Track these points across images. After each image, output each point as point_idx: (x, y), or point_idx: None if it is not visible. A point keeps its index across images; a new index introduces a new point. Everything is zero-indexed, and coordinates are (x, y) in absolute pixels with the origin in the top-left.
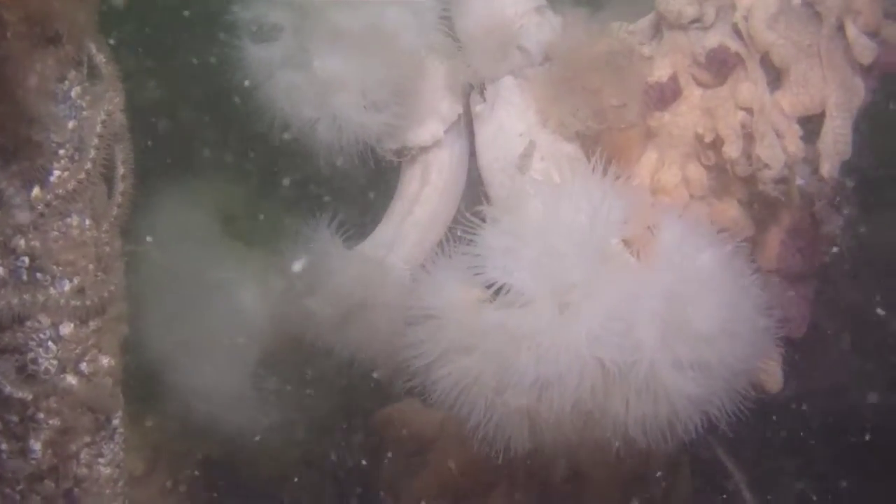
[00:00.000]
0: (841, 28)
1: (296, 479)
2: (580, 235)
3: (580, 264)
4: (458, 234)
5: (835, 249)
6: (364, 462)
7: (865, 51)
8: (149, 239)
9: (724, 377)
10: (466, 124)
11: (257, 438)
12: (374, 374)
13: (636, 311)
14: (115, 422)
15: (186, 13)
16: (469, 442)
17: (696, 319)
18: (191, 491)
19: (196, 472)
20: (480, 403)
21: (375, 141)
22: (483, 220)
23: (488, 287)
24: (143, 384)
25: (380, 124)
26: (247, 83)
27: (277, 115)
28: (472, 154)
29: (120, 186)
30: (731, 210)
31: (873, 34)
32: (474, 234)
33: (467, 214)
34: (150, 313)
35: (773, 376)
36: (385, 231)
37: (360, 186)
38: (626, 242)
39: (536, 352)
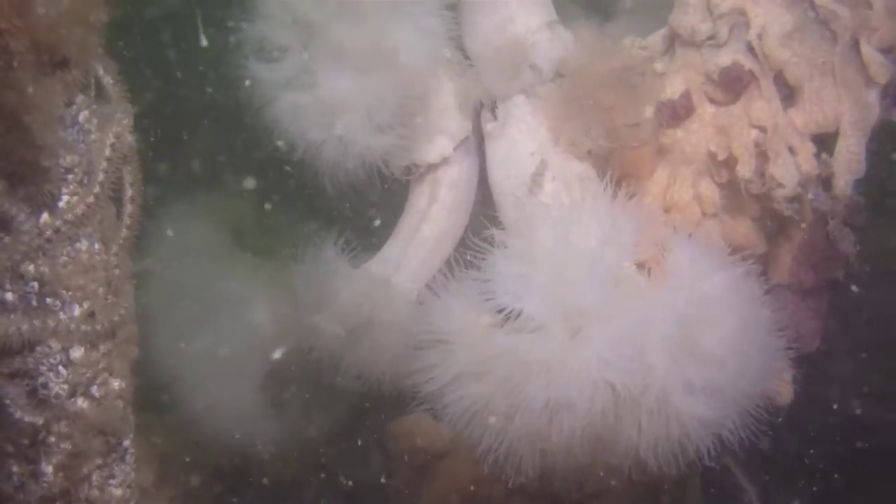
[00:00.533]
0: (856, 45)
1: (306, 490)
2: (590, 260)
3: (591, 289)
4: (468, 258)
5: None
6: (375, 473)
7: (881, 69)
8: (159, 253)
9: (736, 399)
10: (477, 141)
11: (266, 449)
12: (382, 391)
13: (647, 335)
14: (127, 443)
15: (198, 27)
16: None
17: (707, 343)
18: (200, 502)
19: (206, 483)
20: (491, 428)
21: (382, 161)
22: (492, 244)
23: (499, 312)
24: (152, 396)
25: (386, 145)
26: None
27: (283, 135)
28: (483, 170)
29: (128, 208)
30: (742, 227)
31: (888, 50)
32: (484, 258)
33: (476, 240)
34: (161, 326)
35: (783, 389)
36: (392, 249)
37: (372, 200)
38: (639, 264)
39: (547, 376)
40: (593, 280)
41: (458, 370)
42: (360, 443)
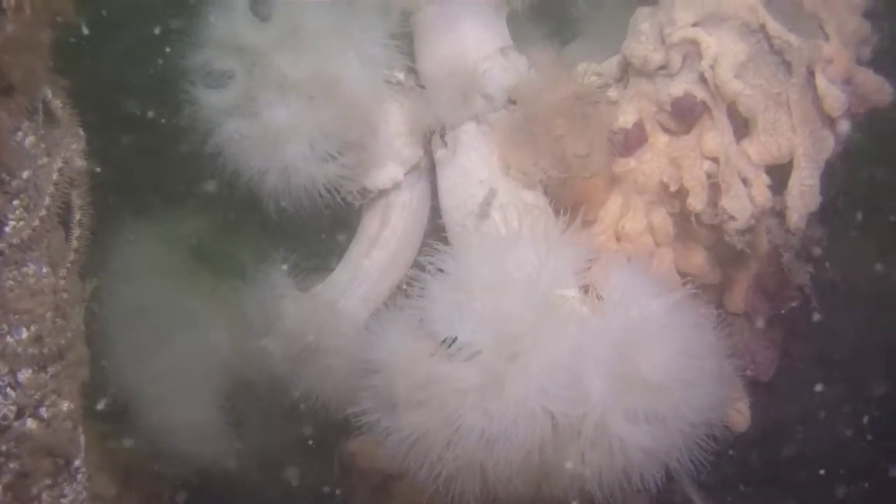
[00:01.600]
0: (811, 76)
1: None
2: (526, 287)
3: (525, 316)
4: (404, 287)
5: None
6: (334, 491)
7: (836, 102)
8: (117, 271)
9: (681, 428)
10: (429, 166)
11: (228, 464)
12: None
13: (583, 361)
14: (77, 462)
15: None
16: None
17: (645, 369)
18: None
19: (169, 495)
20: (431, 457)
21: (326, 190)
22: (430, 272)
23: (437, 341)
24: (112, 413)
25: (330, 175)
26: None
27: (228, 162)
28: (435, 195)
29: (76, 232)
30: (696, 257)
31: (845, 82)
32: (422, 286)
33: (414, 270)
34: (120, 344)
35: (739, 416)
36: (342, 273)
37: (325, 224)
38: (584, 292)
39: (482, 405)
40: (528, 307)
41: (396, 401)
42: (321, 458)
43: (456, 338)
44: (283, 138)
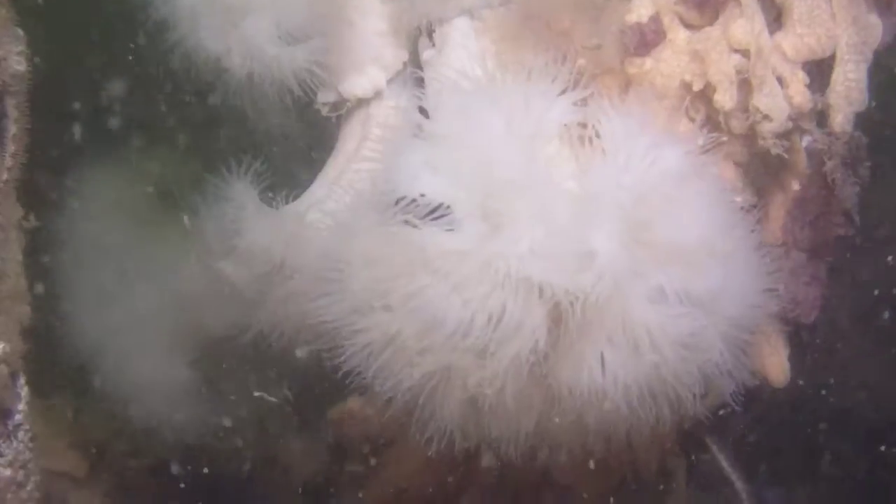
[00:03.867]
0: None
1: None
2: (511, 135)
3: (509, 166)
4: None
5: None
6: (322, 460)
7: None
8: (77, 213)
9: (716, 317)
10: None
11: (203, 436)
12: (298, 353)
13: (586, 216)
14: (18, 417)
15: None
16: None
17: (666, 229)
18: (138, 491)
19: (143, 472)
20: (398, 367)
21: (295, 81)
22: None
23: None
24: (78, 377)
25: (299, 60)
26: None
27: (183, 48)
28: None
29: (11, 148)
30: (726, 171)
31: None
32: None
33: None
34: (81, 296)
35: (778, 367)
36: (317, 191)
37: (305, 146)
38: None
39: (459, 278)
40: (513, 155)
41: (357, 297)
42: (306, 425)
43: (421, 194)
44: (241, 10)
